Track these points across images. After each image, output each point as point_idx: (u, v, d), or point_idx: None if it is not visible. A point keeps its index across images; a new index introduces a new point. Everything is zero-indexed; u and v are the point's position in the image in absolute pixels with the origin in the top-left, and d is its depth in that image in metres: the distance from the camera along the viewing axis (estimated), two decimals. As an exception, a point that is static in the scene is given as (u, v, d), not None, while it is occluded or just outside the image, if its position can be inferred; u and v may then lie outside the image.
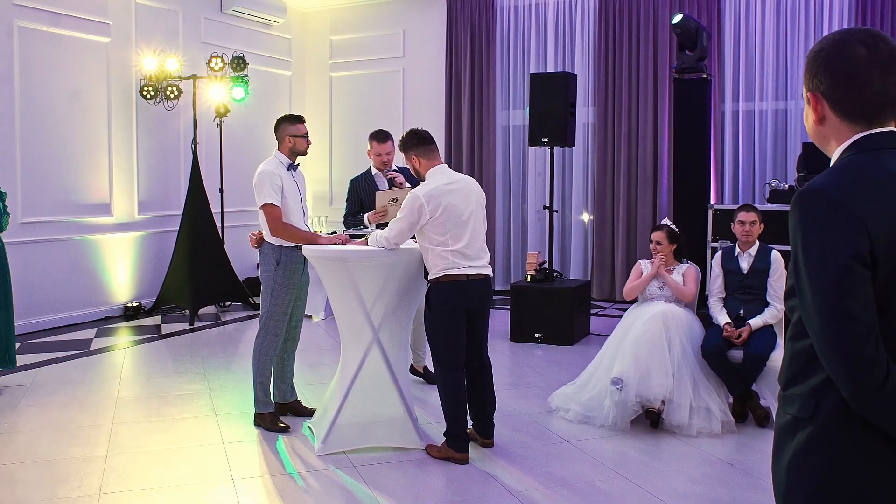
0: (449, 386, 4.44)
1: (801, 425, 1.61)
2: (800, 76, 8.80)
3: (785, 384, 1.67)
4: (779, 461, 1.67)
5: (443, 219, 4.33)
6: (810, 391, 1.60)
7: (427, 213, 4.31)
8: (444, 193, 4.36)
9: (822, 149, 1.73)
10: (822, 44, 1.67)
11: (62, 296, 8.03)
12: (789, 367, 1.66)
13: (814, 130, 1.71)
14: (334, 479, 4.21)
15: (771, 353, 5.07)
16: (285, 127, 5.09)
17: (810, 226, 1.54)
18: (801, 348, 1.62)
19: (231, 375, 6.30)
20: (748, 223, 5.31)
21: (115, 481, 4.16)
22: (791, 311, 1.66)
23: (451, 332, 4.41)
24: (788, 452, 1.63)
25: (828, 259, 1.51)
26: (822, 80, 1.65)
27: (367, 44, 10.88)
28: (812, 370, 1.60)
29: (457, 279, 4.37)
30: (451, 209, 4.35)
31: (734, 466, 4.44)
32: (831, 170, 1.62)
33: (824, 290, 1.51)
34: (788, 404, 1.65)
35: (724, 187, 9.15)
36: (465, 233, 4.39)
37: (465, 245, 4.37)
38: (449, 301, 4.38)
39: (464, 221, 4.39)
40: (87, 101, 8.21)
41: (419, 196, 4.34)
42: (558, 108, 7.58)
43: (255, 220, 9.86)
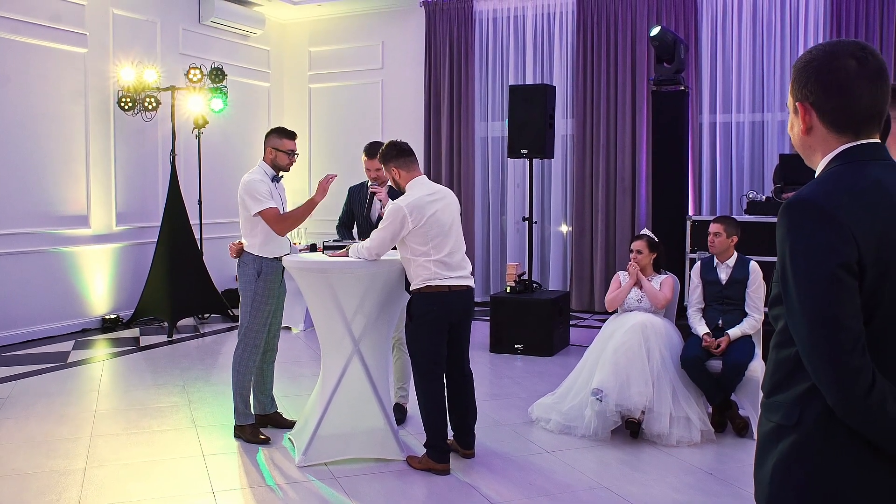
0: (429, 396, 4.44)
1: (785, 433, 1.63)
2: (777, 88, 8.91)
3: (769, 392, 1.69)
4: (762, 468, 1.68)
5: (425, 229, 4.34)
6: (794, 399, 1.62)
7: (410, 223, 4.32)
8: (426, 204, 4.38)
9: (805, 159, 1.75)
10: (811, 54, 1.68)
11: (39, 308, 7.95)
12: (773, 375, 1.68)
13: (800, 140, 1.73)
14: (315, 491, 4.20)
15: (750, 363, 5.11)
16: (272, 138, 5.09)
17: (798, 235, 1.56)
18: (786, 356, 1.64)
19: (210, 387, 6.27)
20: (712, 234, 5.38)
21: (94, 494, 4.12)
22: (775, 320, 1.67)
23: (432, 343, 4.42)
24: (772, 459, 1.65)
25: (815, 267, 1.53)
26: (811, 91, 1.67)
27: (346, 55, 10.90)
28: (796, 378, 1.62)
29: (438, 290, 4.38)
30: (433, 220, 4.37)
31: (714, 475, 4.47)
32: (818, 180, 1.64)
33: (811, 299, 1.53)
34: (772, 412, 1.67)
35: (702, 198, 9.23)
36: (448, 242, 4.42)
37: (447, 255, 4.40)
38: (431, 312, 4.38)
39: (445, 231, 4.42)
40: (64, 112, 8.16)
41: (402, 207, 4.34)
42: (537, 120, 7.63)
43: (234, 231, 9.87)
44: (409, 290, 4.49)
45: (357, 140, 10.68)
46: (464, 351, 4.65)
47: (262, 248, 4.94)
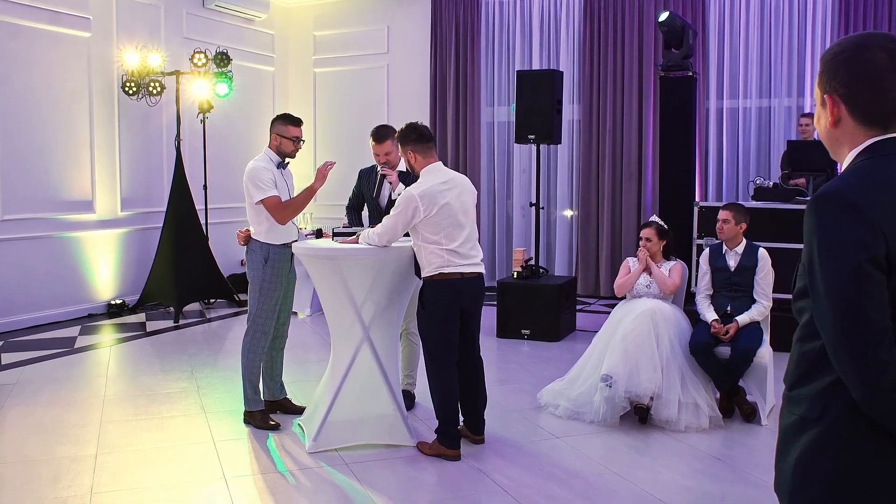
0: (441, 383, 4.45)
1: (809, 426, 1.62)
2: (784, 74, 8.88)
3: (791, 385, 1.69)
4: (783, 460, 1.68)
5: (437, 218, 4.33)
6: (818, 392, 1.61)
7: (421, 212, 4.31)
8: (439, 192, 4.36)
9: (831, 152, 1.73)
10: (840, 46, 1.67)
11: (44, 293, 7.96)
12: (797, 368, 1.67)
13: (827, 133, 1.71)
14: (326, 477, 4.21)
15: (758, 350, 5.12)
16: (276, 125, 5.06)
17: (826, 228, 1.55)
18: (810, 350, 1.63)
19: (218, 373, 6.28)
20: (721, 221, 5.38)
21: (107, 481, 4.13)
22: (800, 313, 1.67)
23: (444, 330, 4.42)
24: (794, 452, 1.64)
25: (843, 261, 1.52)
26: (840, 83, 1.65)
27: (351, 39, 10.85)
28: (820, 372, 1.61)
29: (451, 277, 4.37)
30: (446, 208, 4.35)
31: (722, 461, 4.48)
32: (846, 173, 1.63)
33: (839, 293, 1.52)
34: (795, 405, 1.66)
35: (709, 185, 9.21)
36: (460, 232, 4.40)
37: (460, 244, 4.39)
38: (443, 299, 4.38)
39: (458, 220, 4.40)
40: (68, 97, 8.13)
41: (414, 195, 4.33)
42: (545, 106, 7.60)
43: (239, 216, 9.86)
44: (421, 276, 4.48)
45: (362, 125, 10.65)
46: (475, 338, 4.65)
47: (269, 235, 4.93)
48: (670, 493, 4.02)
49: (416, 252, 4.48)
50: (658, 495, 3.98)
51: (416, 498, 3.96)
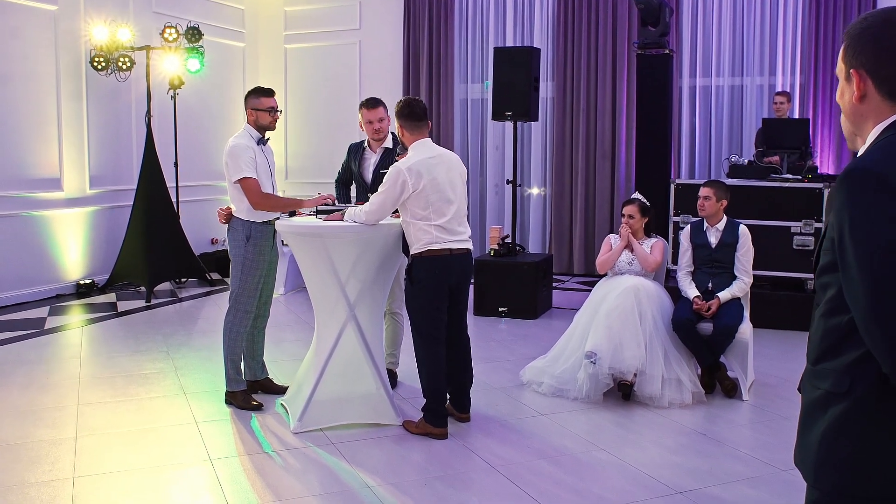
0: (429, 360, 4.42)
1: (835, 400, 1.62)
2: (756, 53, 8.92)
3: (816, 359, 1.68)
4: (807, 435, 1.68)
5: (426, 193, 4.29)
6: (846, 367, 1.61)
7: (410, 186, 4.27)
8: (427, 167, 4.32)
9: (854, 127, 1.72)
10: (867, 21, 1.65)
11: (11, 273, 7.78)
12: (822, 343, 1.67)
13: (851, 108, 1.70)
14: (313, 457, 4.17)
15: (739, 326, 5.16)
16: (250, 100, 4.97)
17: (858, 203, 1.53)
18: (836, 324, 1.63)
19: (195, 353, 6.19)
20: (702, 198, 5.40)
21: (89, 464, 4.06)
22: (825, 288, 1.66)
23: (432, 308, 4.39)
24: (820, 426, 1.64)
25: (876, 237, 1.50)
26: (868, 58, 1.64)
27: (323, 15, 10.70)
28: (847, 346, 1.61)
29: (440, 254, 4.34)
30: (433, 183, 4.31)
31: (707, 436, 4.51)
32: (875, 148, 1.61)
33: (872, 268, 1.50)
34: (820, 379, 1.66)
35: (681, 162, 9.26)
36: (448, 207, 4.37)
37: (448, 220, 4.36)
38: (432, 276, 4.35)
39: (446, 196, 4.37)
40: (34, 72, 7.92)
41: (402, 170, 4.28)
42: (522, 83, 7.56)
43: (211, 194, 9.75)
44: (409, 253, 4.44)
45: (334, 102, 10.58)
46: (462, 315, 4.63)
47: (250, 213, 4.85)
48: (659, 469, 4.04)
49: (404, 229, 4.44)
50: (647, 471, 4.01)
51: (406, 476, 3.94)
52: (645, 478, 3.93)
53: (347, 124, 10.27)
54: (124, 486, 3.81)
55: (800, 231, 6.88)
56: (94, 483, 3.83)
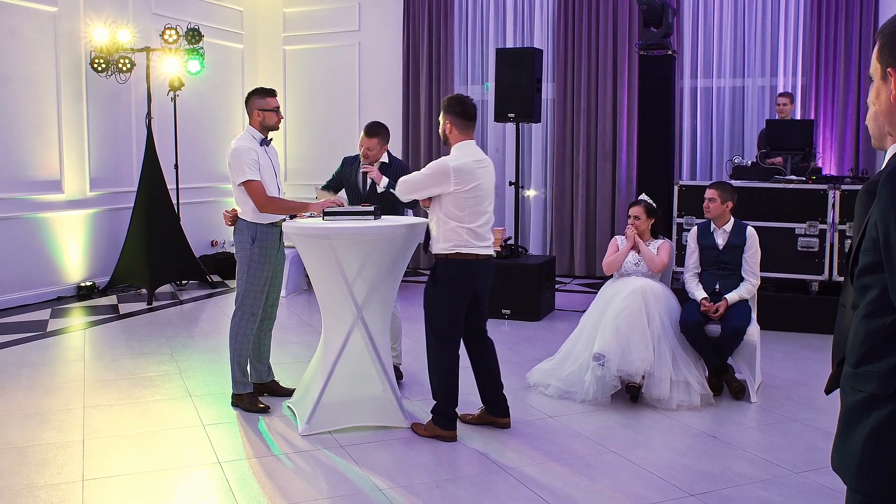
0: (444, 362, 4.40)
1: (880, 403, 1.59)
2: (757, 54, 8.93)
3: (857, 361, 1.66)
4: (849, 438, 1.65)
5: (468, 195, 4.26)
6: (890, 369, 1.58)
7: (452, 184, 4.23)
8: (474, 170, 4.29)
9: (890, 126, 1.70)
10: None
11: (11, 276, 7.74)
12: (863, 345, 1.64)
13: (888, 107, 1.68)
14: (323, 460, 4.15)
15: (747, 328, 5.15)
16: (255, 100, 4.95)
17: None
18: (879, 326, 1.61)
19: (199, 356, 6.16)
20: (707, 199, 5.40)
21: (98, 467, 4.03)
22: (865, 290, 1.64)
23: (452, 311, 4.36)
24: (862, 430, 1.62)
25: None
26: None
27: (322, 17, 10.68)
28: (892, 348, 1.59)
29: (467, 258, 4.32)
30: (477, 188, 4.29)
31: (717, 438, 4.50)
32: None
33: None
34: (863, 381, 1.63)
35: (683, 163, 9.26)
36: (483, 214, 4.35)
37: (480, 225, 4.34)
38: (457, 279, 4.33)
39: (484, 202, 4.36)
40: (34, 74, 7.88)
41: (449, 167, 4.24)
42: (524, 84, 7.55)
43: (211, 196, 9.72)
44: (433, 251, 4.41)
45: (333, 103, 10.55)
46: (484, 319, 4.61)
47: (256, 215, 4.83)
48: (670, 471, 4.03)
49: (431, 225, 4.41)
50: (658, 473, 3.99)
51: (416, 479, 3.92)
52: (657, 480, 3.92)
53: (347, 126, 10.26)
54: (134, 489, 3.79)
55: (804, 233, 6.88)
56: (103, 486, 3.80)
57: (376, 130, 5.37)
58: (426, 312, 4.47)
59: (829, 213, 6.83)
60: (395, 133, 10.10)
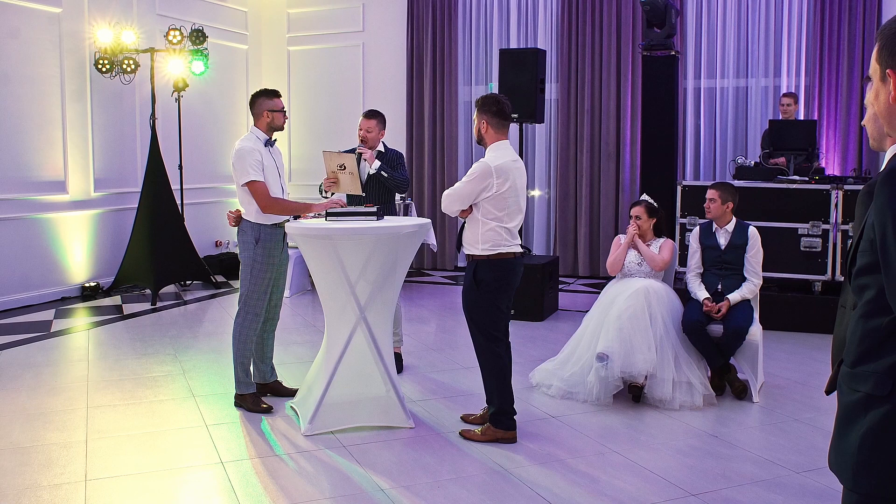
0: (496, 362, 4.38)
1: (876, 403, 1.60)
2: (761, 54, 8.92)
3: (854, 361, 1.66)
4: (846, 437, 1.66)
5: (506, 195, 4.28)
6: (886, 368, 1.59)
7: (494, 185, 4.25)
8: (511, 170, 4.32)
9: (889, 127, 1.70)
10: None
11: (16, 276, 7.77)
12: (860, 345, 1.65)
13: (887, 108, 1.68)
14: (325, 460, 4.16)
15: (749, 328, 5.15)
16: (263, 101, 4.97)
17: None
18: (875, 326, 1.61)
19: (203, 356, 6.18)
20: (708, 200, 5.41)
21: (101, 467, 4.04)
22: (862, 290, 1.64)
23: (498, 310, 4.38)
24: (859, 430, 1.62)
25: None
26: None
27: (326, 17, 10.69)
28: (888, 348, 1.59)
29: (506, 257, 4.35)
30: (513, 187, 4.32)
31: (719, 438, 4.50)
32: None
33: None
34: (859, 381, 1.64)
35: (686, 164, 9.25)
36: (518, 213, 4.40)
37: (515, 224, 4.38)
38: (502, 279, 4.35)
39: (520, 201, 4.40)
40: (38, 75, 7.91)
41: (490, 168, 4.25)
42: (528, 85, 7.55)
43: (216, 196, 9.74)
44: (468, 252, 4.40)
45: (337, 104, 10.56)
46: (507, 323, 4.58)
47: (259, 216, 4.85)
48: (673, 471, 4.03)
49: (469, 226, 4.39)
50: (661, 473, 4.00)
51: (418, 479, 3.92)
52: (659, 480, 3.92)
53: (351, 126, 10.19)
54: (136, 489, 3.80)
55: (807, 233, 6.87)
56: (106, 486, 3.82)
57: (374, 113, 5.67)
58: (470, 315, 4.43)
59: (832, 213, 6.82)
60: (399, 133, 10.14)
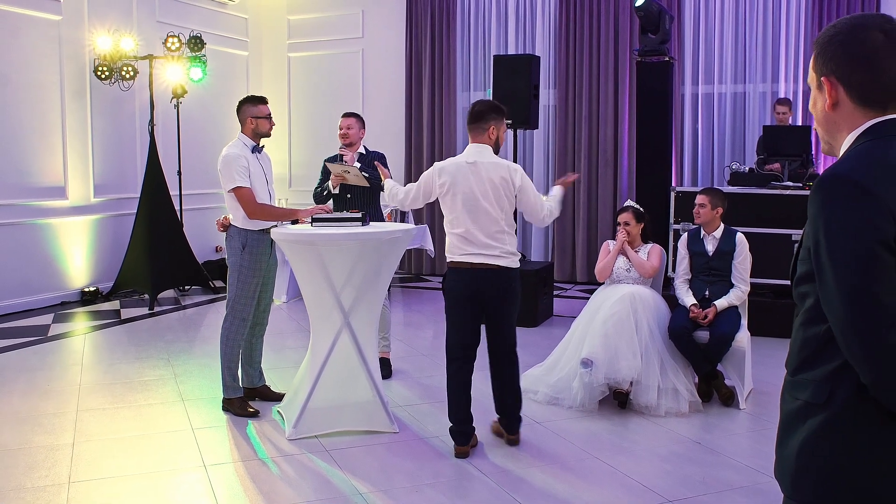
0: (447, 376, 4.39)
1: (814, 411, 1.60)
2: (758, 60, 8.92)
3: (794, 370, 1.66)
4: (786, 445, 1.66)
5: (449, 198, 4.24)
6: (824, 377, 1.59)
7: (437, 185, 4.26)
8: (458, 170, 4.23)
9: (828, 135, 1.70)
10: (836, 28, 1.64)
11: (16, 281, 7.83)
12: (799, 353, 1.65)
13: (824, 116, 1.68)
14: (307, 464, 4.19)
15: (736, 334, 5.16)
16: (247, 108, 5.02)
17: (834, 211, 1.51)
18: (814, 334, 1.61)
19: (195, 360, 6.22)
20: (697, 205, 5.42)
21: (84, 469, 4.09)
22: (802, 298, 1.64)
23: (451, 323, 4.34)
24: (798, 437, 1.62)
25: (852, 244, 1.48)
26: (837, 65, 1.62)
27: (325, 24, 10.75)
28: (826, 356, 1.59)
29: (460, 266, 4.25)
30: (458, 189, 4.19)
31: (702, 445, 4.51)
32: (850, 156, 1.59)
33: (848, 276, 1.48)
34: (798, 389, 1.64)
35: (684, 170, 9.26)
36: (472, 218, 4.19)
37: (466, 231, 4.20)
38: (451, 288, 4.28)
39: (473, 206, 4.18)
40: (38, 81, 7.99)
41: (435, 164, 4.33)
42: (522, 91, 7.58)
43: (214, 202, 9.79)
44: None
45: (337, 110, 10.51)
46: (499, 332, 4.39)
47: (246, 222, 4.89)
48: (652, 478, 4.04)
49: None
50: (639, 479, 4.01)
51: (397, 484, 3.95)
52: (637, 486, 3.94)
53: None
54: (119, 492, 3.84)
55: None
56: (88, 488, 3.86)
57: (352, 113, 5.87)
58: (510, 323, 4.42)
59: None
60: (397, 139, 10.19)
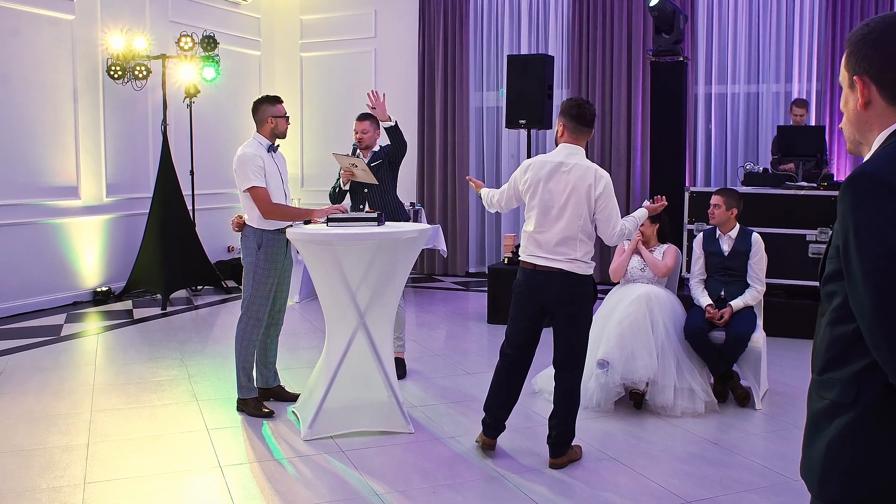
0: (495, 369, 4.40)
1: (841, 410, 1.59)
2: (772, 60, 8.88)
3: (821, 369, 1.65)
4: (813, 445, 1.65)
5: (528, 196, 4.16)
6: (851, 376, 1.58)
7: (521, 181, 4.20)
8: (543, 168, 4.11)
9: (858, 134, 1.68)
10: (869, 27, 1.63)
11: (29, 281, 7.85)
12: (827, 352, 1.64)
13: (856, 116, 1.67)
14: (323, 465, 4.18)
15: (752, 334, 5.12)
16: (266, 108, 5.02)
17: (864, 210, 1.50)
18: (841, 333, 1.60)
19: (209, 360, 6.22)
20: (712, 206, 5.39)
21: (100, 470, 4.08)
22: (830, 297, 1.63)
23: (510, 318, 4.33)
24: (825, 437, 1.61)
25: (882, 243, 1.47)
26: (871, 64, 1.61)
27: (338, 23, 10.75)
28: (853, 355, 1.58)
29: (525, 266, 4.19)
30: (539, 189, 4.10)
31: (719, 445, 4.48)
32: (882, 155, 1.58)
33: (877, 276, 1.47)
34: (825, 389, 1.63)
35: (697, 170, 9.22)
36: (545, 220, 4.08)
37: (537, 231, 4.10)
38: (515, 286, 4.25)
39: (549, 207, 4.08)
40: (51, 81, 8.00)
41: (523, 161, 4.28)
42: (536, 90, 7.55)
43: (226, 202, 9.80)
44: None
45: (349, 110, 10.53)
46: (559, 335, 4.24)
47: (262, 221, 4.88)
48: (669, 478, 4.02)
49: None
50: (657, 480, 3.98)
51: (414, 484, 3.93)
52: (655, 487, 3.91)
53: (363, 132, 10.30)
54: (134, 493, 3.83)
55: (815, 239, 6.82)
56: (103, 489, 3.86)
57: (367, 115, 5.70)
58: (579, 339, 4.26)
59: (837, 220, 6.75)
60: (410, 139, 10.08)
